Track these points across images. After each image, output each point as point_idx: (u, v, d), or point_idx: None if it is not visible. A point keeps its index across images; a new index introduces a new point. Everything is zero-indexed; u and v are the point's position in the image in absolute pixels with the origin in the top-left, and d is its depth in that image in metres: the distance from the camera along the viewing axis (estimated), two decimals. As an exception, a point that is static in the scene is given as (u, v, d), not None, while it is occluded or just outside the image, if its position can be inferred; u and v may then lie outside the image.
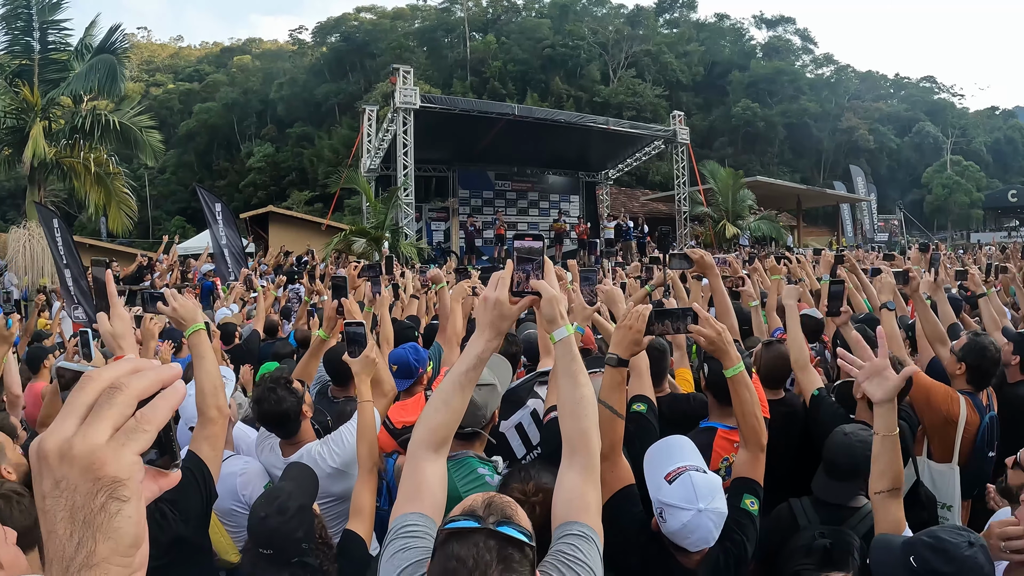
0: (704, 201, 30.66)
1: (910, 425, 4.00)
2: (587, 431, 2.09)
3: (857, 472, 3.16)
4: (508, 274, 2.16)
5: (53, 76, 20.45)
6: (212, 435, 2.92)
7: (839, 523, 3.12)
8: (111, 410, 0.78)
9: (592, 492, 2.04)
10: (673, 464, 2.55)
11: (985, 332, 4.97)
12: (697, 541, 2.47)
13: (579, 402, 2.12)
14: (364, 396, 3.31)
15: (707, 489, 2.45)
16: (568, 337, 2.16)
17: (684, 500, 2.43)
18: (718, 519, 2.45)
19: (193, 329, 3.04)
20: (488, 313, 2.13)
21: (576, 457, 2.07)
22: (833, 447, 3.33)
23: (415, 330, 6.01)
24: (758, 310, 5.88)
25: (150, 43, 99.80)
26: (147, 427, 0.79)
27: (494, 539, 1.56)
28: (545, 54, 67.02)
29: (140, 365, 0.84)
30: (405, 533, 1.89)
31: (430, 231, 28.96)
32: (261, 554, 2.75)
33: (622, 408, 2.80)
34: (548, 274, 2.17)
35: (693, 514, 2.41)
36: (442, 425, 2.11)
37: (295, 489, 2.88)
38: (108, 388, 0.79)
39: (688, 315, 2.85)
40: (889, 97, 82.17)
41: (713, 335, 2.82)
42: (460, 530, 1.59)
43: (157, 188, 61.01)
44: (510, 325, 2.22)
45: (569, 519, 1.95)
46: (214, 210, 16.05)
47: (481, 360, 2.13)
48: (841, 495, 3.27)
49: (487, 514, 1.61)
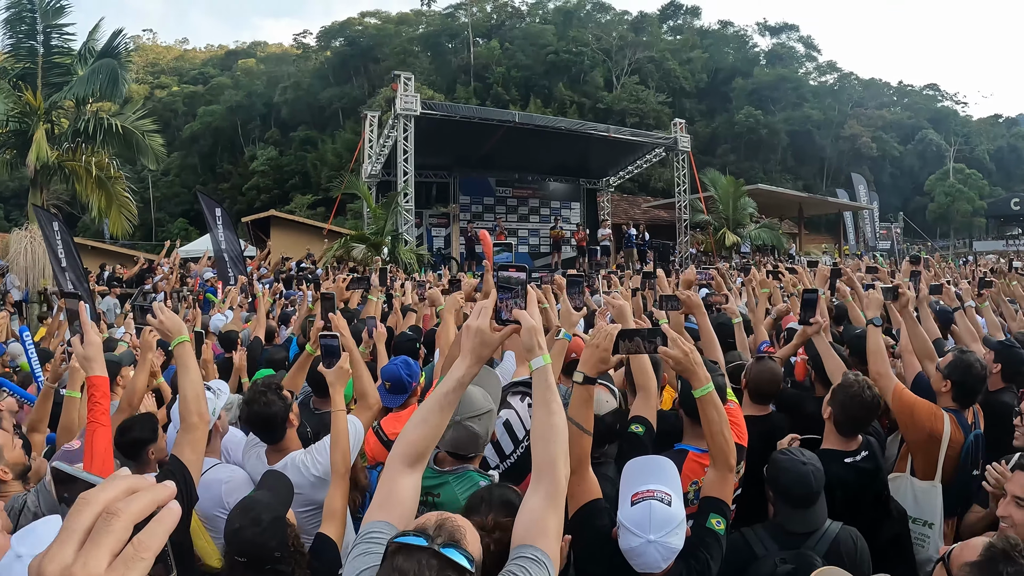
0: (705, 209, 30.68)
1: (879, 440, 4.09)
2: (555, 458, 2.14)
3: (816, 496, 3.20)
4: (491, 304, 2.25)
5: (56, 80, 20.57)
6: (193, 440, 3.10)
7: (797, 547, 3.12)
8: (108, 537, 0.80)
9: (553, 518, 2.08)
10: (644, 485, 2.58)
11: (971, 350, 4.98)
12: (641, 566, 2.52)
13: (550, 430, 2.17)
14: (338, 405, 3.46)
15: (663, 521, 2.47)
16: (545, 367, 2.22)
17: (637, 526, 2.48)
18: (666, 552, 2.48)
19: (178, 340, 3.22)
20: (470, 340, 2.22)
21: (542, 482, 2.12)
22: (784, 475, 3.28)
23: (416, 341, 6.06)
24: (741, 326, 5.88)
25: (155, 45, 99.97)
26: (145, 555, 0.81)
27: (437, 559, 1.63)
28: (549, 60, 67.06)
29: (135, 484, 0.86)
30: (370, 539, 1.96)
31: (430, 237, 28.95)
32: (236, 560, 2.85)
33: (589, 425, 2.81)
34: (530, 304, 2.26)
35: (642, 542, 2.46)
36: (419, 441, 2.18)
37: (271, 500, 2.97)
38: (105, 514, 0.81)
39: (657, 335, 2.88)
40: (892, 105, 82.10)
41: (680, 355, 2.87)
42: (408, 545, 1.66)
43: (160, 190, 61.12)
44: (492, 352, 2.29)
45: (526, 542, 1.99)
46: (214, 215, 16.18)
47: (462, 384, 2.21)
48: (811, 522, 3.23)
49: (436, 534, 1.68)
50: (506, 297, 2.25)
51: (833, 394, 3.83)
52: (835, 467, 3.62)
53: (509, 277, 2.27)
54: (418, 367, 4.64)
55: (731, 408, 3.62)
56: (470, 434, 3.09)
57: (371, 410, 3.95)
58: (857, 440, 3.82)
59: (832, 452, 3.74)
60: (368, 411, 3.92)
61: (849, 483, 3.65)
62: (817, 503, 3.22)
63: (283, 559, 2.85)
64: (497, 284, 2.29)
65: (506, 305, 2.25)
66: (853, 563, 3.06)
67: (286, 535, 2.91)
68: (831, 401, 3.82)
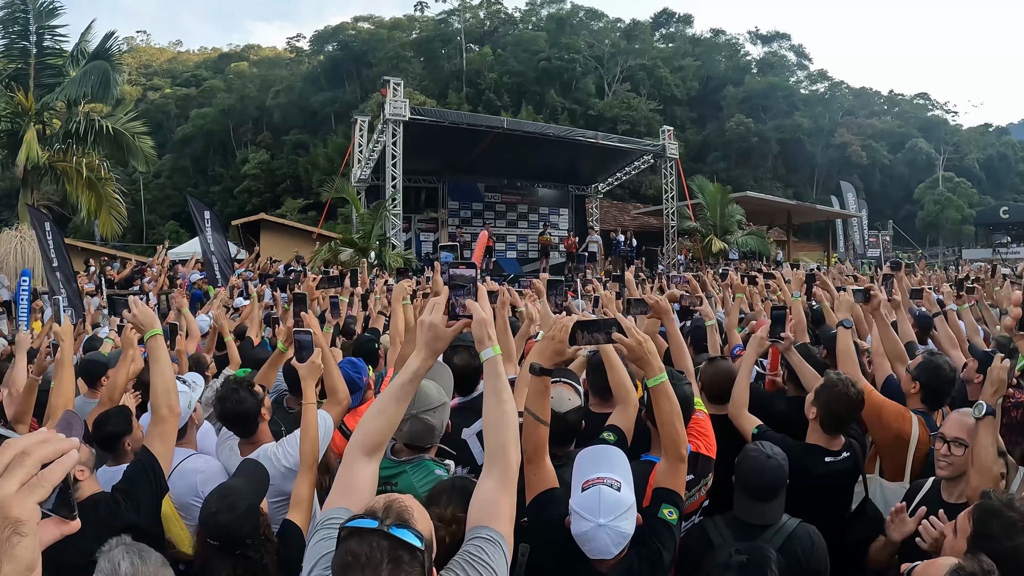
0: (692, 216, 30.74)
1: (860, 444, 4.11)
2: (506, 444, 2.26)
3: (775, 491, 3.29)
4: (444, 300, 2.37)
5: (48, 80, 20.66)
6: (163, 432, 3.31)
7: (753, 539, 3.17)
8: (20, 470, 1.09)
9: (506, 500, 2.19)
10: (595, 473, 2.64)
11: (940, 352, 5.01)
12: (593, 551, 2.59)
13: (501, 417, 2.30)
14: (309, 398, 3.61)
15: (612, 506, 2.54)
16: (494, 357, 2.34)
17: (587, 511, 2.55)
18: (616, 537, 2.54)
19: (151, 334, 3.42)
20: (424, 335, 2.35)
21: (495, 467, 2.24)
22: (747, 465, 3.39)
23: (376, 342, 6.16)
24: (714, 328, 5.85)
25: (149, 47, 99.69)
26: (45, 484, 1.11)
27: (387, 540, 1.69)
28: (541, 67, 67.05)
29: (47, 437, 1.16)
30: (329, 525, 2.06)
31: (419, 242, 29.03)
32: (208, 543, 3.00)
33: (545, 415, 2.88)
34: (480, 299, 2.39)
35: (592, 526, 2.52)
36: (377, 431, 2.28)
37: (247, 488, 3.12)
38: (20, 454, 1.11)
39: (612, 326, 2.91)
40: (883, 113, 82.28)
41: (634, 344, 2.88)
42: (359, 528, 1.72)
43: (152, 192, 60.78)
44: (445, 346, 2.42)
45: (481, 523, 2.11)
46: (203, 217, 16.27)
47: (417, 376, 2.33)
48: (767, 516, 3.31)
49: (385, 516, 1.73)
50: (458, 293, 2.37)
51: (817, 393, 3.89)
52: (815, 464, 3.74)
53: (461, 275, 2.39)
54: (363, 364, 4.80)
55: (699, 419, 3.74)
56: (426, 426, 3.23)
57: (340, 405, 4.08)
58: (840, 440, 3.88)
59: (814, 448, 3.84)
60: (337, 406, 4.05)
61: (827, 481, 3.75)
62: (776, 498, 3.30)
63: (253, 545, 3.00)
64: (449, 281, 2.41)
65: (458, 301, 2.37)
66: (808, 559, 3.16)
67: (259, 523, 3.06)
68: (815, 400, 3.88)
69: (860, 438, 4.19)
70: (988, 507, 2.58)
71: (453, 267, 2.42)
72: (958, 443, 3.36)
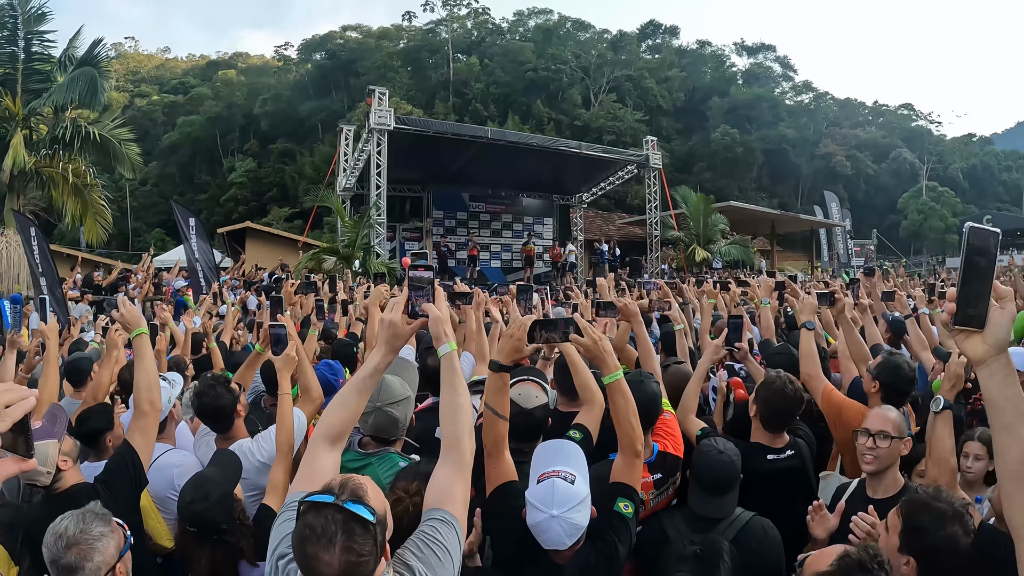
0: (676, 225, 30.96)
1: (808, 444, 4.17)
2: (460, 434, 2.42)
3: (728, 485, 3.41)
4: (403, 299, 2.56)
5: (36, 86, 20.70)
6: (144, 426, 3.48)
7: (708, 531, 3.23)
8: None
9: (459, 485, 2.32)
10: (551, 467, 2.70)
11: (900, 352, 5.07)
12: (547, 542, 2.65)
13: (456, 409, 2.46)
14: (284, 389, 3.76)
15: (565, 498, 2.59)
16: (450, 353, 2.51)
17: (541, 502, 2.61)
18: (569, 528, 2.59)
19: (136, 332, 3.60)
20: (384, 332, 2.53)
21: (450, 455, 2.40)
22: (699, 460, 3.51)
23: (354, 346, 6.29)
24: (682, 333, 5.98)
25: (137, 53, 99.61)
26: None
27: (341, 513, 1.81)
28: (528, 77, 67.47)
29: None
30: (292, 507, 2.14)
31: (403, 251, 28.91)
32: (187, 530, 3.19)
33: (505, 411, 3.00)
34: (438, 299, 2.57)
35: (545, 517, 2.59)
36: (339, 422, 2.44)
37: (220, 477, 3.29)
38: None
39: (570, 325, 3.04)
40: (867, 124, 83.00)
41: (590, 343, 3.01)
42: (316, 503, 1.85)
43: (138, 200, 60.61)
44: (404, 342, 2.60)
45: (436, 506, 2.26)
46: (188, 225, 16.34)
47: (378, 370, 2.51)
48: (720, 509, 3.38)
49: (341, 492, 1.86)
50: (417, 294, 2.55)
51: (757, 392, 3.98)
52: (757, 462, 3.80)
53: (420, 277, 2.58)
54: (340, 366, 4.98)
55: (667, 419, 3.84)
56: (389, 419, 3.43)
57: (314, 404, 4.21)
58: (784, 438, 3.95)
59: (757, 446, 3.92)
60: (311, 404, 4.19)
61: (771, 479, 3.79)
62: (729, 492, 3.39)
63: (229, 530, 3.17)
64: (408, 283, 2.59)
65: (417, 301, 2.55)
66: (761, 550, 3.25)
67: (233, 509, 3.23)
68: (755, 399, 3.98)
69: (809, 437, 4.24)
70: (916, 501, 2.66)
71: (412, 269, 2.61)
72: (883, 436, 3.40)
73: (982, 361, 1.62)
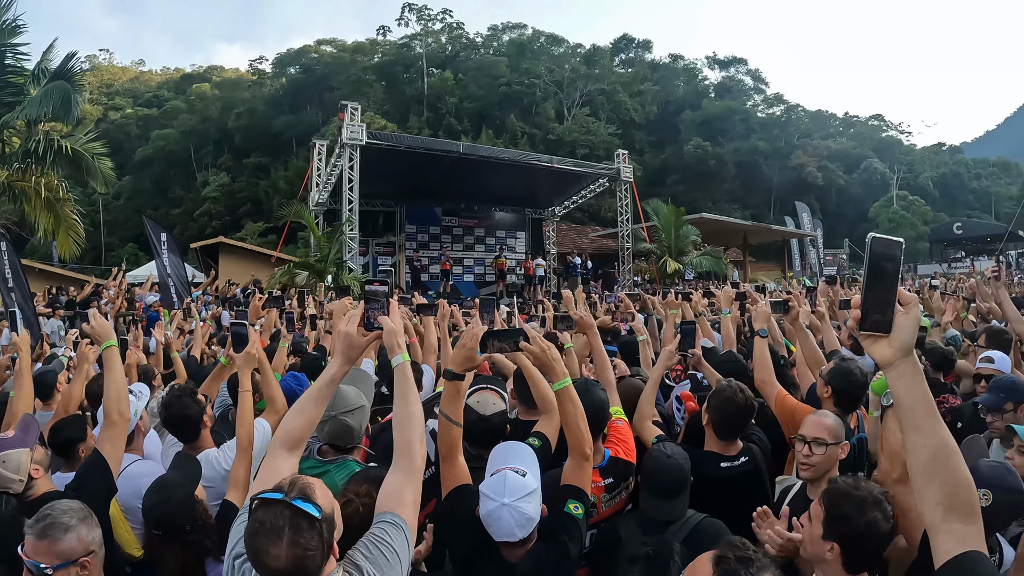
0: (648, 238, 31.19)
1: (762, 449, 4.26)
2: (411, 441, 2.54)
3: (678, 488, 3.51)
4: (359, 313, 2.71)
5: (8, 99, 20.44)
6: (113, 436, 3.60)
7: (659, 534, 3.28)
8: None
9: (410, 490, 2.41)
10: (505, 464, 2.86)
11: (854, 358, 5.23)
12: (498, 532, 2.75)
13: (407, 417, 2.58)
14: (244, 387, 3.91)
15: (516, 488, 2.72)
16: (403, 364, 2.61)
17: (493, 492, 2.73)
18: (520, 518, 2.70)
19: (106, 345, 3.73)
20: (341, 343, 2.69)
21: (401, 460, 2.51)
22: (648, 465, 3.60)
23: (322, 360, 6.35)
24: (646, 344, 6.12)
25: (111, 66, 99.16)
26: None
27: (289, 509, 1.92)
28: (501, 91, 67.85)
29: None
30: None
31: (376, 265, 29.11)
32: (153, 533, 3.33)
33: (458, 417, 3.10)
34: (392, 312, 2.73)
35: (497, 506, 2.70)
36: (296, 428, 2.56)
37: (180, 479, 3.42)
38: None
39: (519, 335, 3.20)
40: (838, 135, 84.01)
41: (538, 352, 3.16)
42: (266, 499, 1.96)
43: (111, 214, 60.31)
44: (360, 353, 2.74)
45: (386, 509, 2.33)
46: (160, 240, 16.36)
47: (334, 380, 2.66)
48: (671, 512, 3.45)
49: (289, 490, 1.97)
50: (372, 308, 2.71)
51: (708, 401, 4.03)
52: (711, 469, 3.86)
53: (375, 291, 2.74)
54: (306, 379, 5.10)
55: (619, 426, 3.98)
56: (344, 427, 3.59)
57: (279, 415, 4.27)
58: (737, 445, 4.00)
59: (710, 455, 3.96)
60: (275, 415, 4.28)
61: (726, 485, 3.83)
62: (679, 496, 3.47)
63: (193, 530, 3.29)
64: (364, 296, 2.74)
65: (373, 314, 2.70)
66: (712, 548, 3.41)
67: (196, 509, 3.34)
68: (707, 408, 4.01)
69: (763, 443, 4.32)
70: (838, 490, 2.75)
71: (368, 283, 2.77)
72: (818, 443, 3.45)
73: (890, 364, 1.74)
